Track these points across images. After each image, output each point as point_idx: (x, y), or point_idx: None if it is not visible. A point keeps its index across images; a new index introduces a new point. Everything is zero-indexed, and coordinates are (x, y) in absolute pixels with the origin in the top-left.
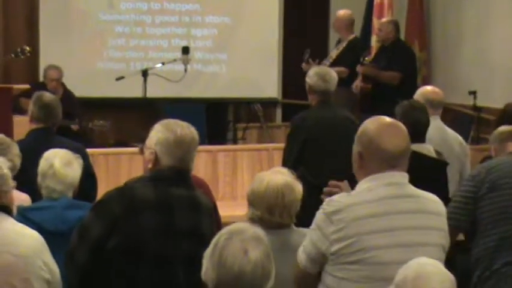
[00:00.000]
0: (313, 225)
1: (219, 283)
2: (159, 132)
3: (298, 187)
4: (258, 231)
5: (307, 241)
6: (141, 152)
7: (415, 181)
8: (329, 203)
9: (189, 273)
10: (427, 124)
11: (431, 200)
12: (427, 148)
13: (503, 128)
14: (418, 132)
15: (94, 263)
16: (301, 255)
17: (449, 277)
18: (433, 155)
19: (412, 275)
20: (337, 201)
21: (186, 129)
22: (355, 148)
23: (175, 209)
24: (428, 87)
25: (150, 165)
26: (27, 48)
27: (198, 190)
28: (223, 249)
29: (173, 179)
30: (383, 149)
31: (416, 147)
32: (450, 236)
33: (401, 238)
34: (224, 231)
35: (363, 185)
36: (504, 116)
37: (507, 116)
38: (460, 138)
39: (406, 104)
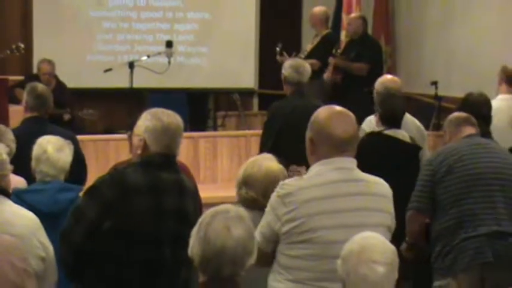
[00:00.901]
0: (268, 207)
1: (203, 258)
2: (147, 121)
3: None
4: (241, 211)
5: (263, 222)
6: (130, 138)
7: (391, 164)
8: (282, 186)
9: (175, 252)
10: (403, 111)
11: (377, 183)
12: (401, 133)
13: (458, 113)
14: (394, 119)
15: (88, 244)
16: (258, 236)
17: (391, 248)
18: (408, 140)
19: (357, 248)
20: (290, 184)
21: (172, 117)
22: (308, 134)
23: (164, 192)
24: (388, 76)
25: (139, 151)
26: (22, 46)
27: (183, 174)
28: (208, 226)
29: (162, 164)
30: (332, 135)
31: (393, 132)
32: (416, 220)
33: (347, 219)
34: (209, 211)
35: (313, 169)
36: (465, 104)
37: (467, 105)
38: (417, 122)
39: (384, 92)
